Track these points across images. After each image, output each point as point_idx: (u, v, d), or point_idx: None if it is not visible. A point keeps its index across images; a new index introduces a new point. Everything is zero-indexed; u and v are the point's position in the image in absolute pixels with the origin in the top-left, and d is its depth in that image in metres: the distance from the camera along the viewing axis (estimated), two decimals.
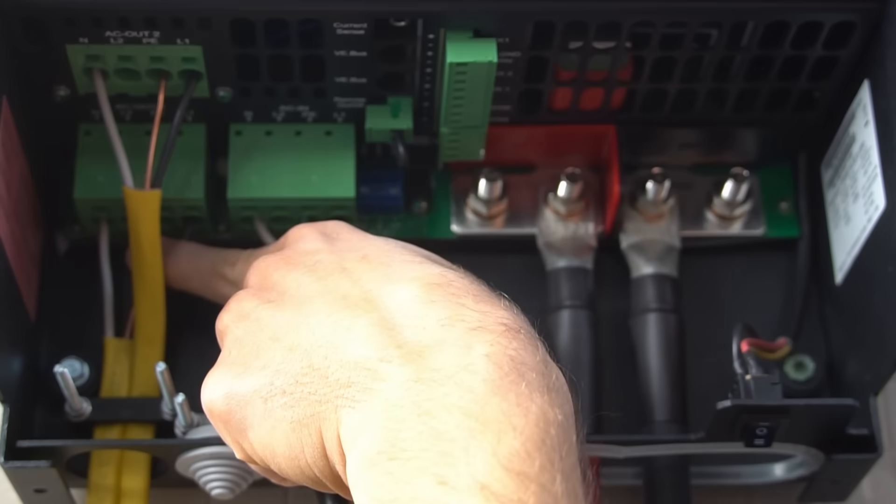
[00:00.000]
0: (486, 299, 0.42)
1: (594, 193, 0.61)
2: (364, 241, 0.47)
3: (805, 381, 0.59)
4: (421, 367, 0.39)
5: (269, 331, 0.44)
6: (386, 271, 0.43)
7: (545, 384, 0.39)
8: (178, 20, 0.52)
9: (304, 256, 0.46)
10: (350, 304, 0.42)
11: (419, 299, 0.41)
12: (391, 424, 0.38)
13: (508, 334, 0.40)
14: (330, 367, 0.41)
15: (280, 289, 0.45)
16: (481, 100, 0.55)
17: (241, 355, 0.44)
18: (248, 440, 0.44)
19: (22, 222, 0.55)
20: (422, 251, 0.46)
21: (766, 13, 0.53)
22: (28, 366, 0.56)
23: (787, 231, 0.62)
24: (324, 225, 0.49)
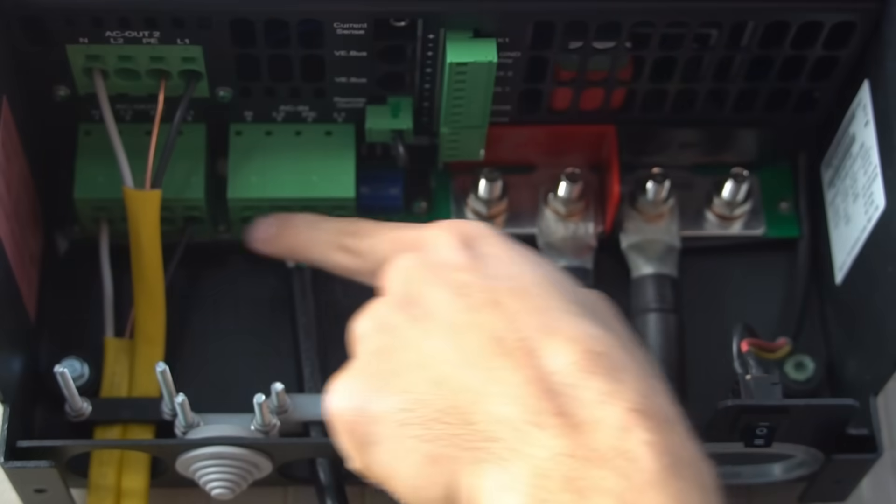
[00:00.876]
0: (643, 377, 0.40)
1: (594, 193, 0.61)
2: (514, 264, 0.45)
3: (805, 381, 0.59)
4: (576, 443, 0.38)
5: (415, 354, 0.43)
6: (544, 319, 0.42)
7: (702, 482, 0.38)
8: (178, 20, 0.52)
9: (451, 273, 0.44)
10: (506, 350, 0.41)
11: (579, 367, 0.40)
12: (538, 493, 0.37)
13: (668, 424, 0.39)
14: (477, 414, 0.40)
15: (426, 307, 0.44)
16: (481, 100, 0.55)
17: (381, 370, 0.43)
18: (370, 456, 0.43)
19: (22, 222, 0.55)
20: (575, 290, 0.45)
21: (766, 13, 0.53)
22: (28, 366, 0.56)
23: (787, 231, 0.62)
24: (465, 228, 0.46)
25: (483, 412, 0.40)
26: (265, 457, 0.53)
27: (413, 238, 0.48)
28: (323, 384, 0.57)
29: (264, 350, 0.59)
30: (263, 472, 0.54)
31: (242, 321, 0.60)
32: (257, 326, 0.60)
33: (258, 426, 0.54)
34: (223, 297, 0.60)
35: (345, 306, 0.60)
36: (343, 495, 0.56)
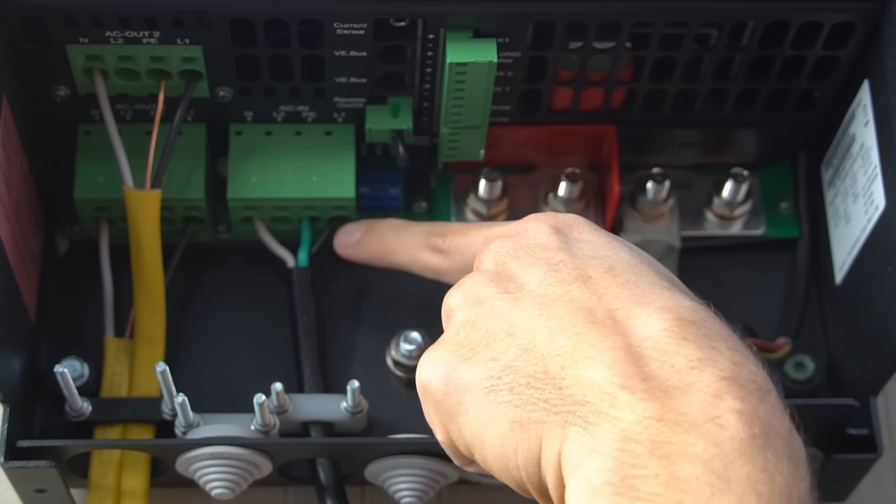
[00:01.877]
0: (737, 347, 0.40)
1: (594, 193, 0.61)
2: (607, 247, 0.45)
3: (805, 381, 0.59)
4: (666, 407, 0.38)
5: (505, 323, 0.43)
6: (634, 291, 0.42)
7: (790, 454, 0.38)
8: (178, 20, 0.52)
9: (544, 252, 0.45)
10: (596, 319, 0.41)
11: (671, 333, 0.40)
12: (624, 458, 0.37)
13: (759, 393, 0.38)
14: (566, 379, 0.40)
15: (518, 281, 0.44)
16: (481, 100, 0.55)
17: (470, 340, 0.43)
18: (458, 425, 0.43)
19: (22, 222, 0.55)
20: (666, 271, 0.45)
21: (766, 13, 0.53)
22: (28, 366, 0.56)
23: (787, 231, 0.62)
24: (558, 219, 0.47)
25: (573, 376, 0.40)
26: (265, 457, 0.53)
27: (505, 231, 0.48)
28: (323, 384, 0.57)
29: (264, 350, 0.59)
30: (263, 472, 0.54)
31: (242, 321, 0.60)
32: (257, 326, 0.60)
33: (258, 426, 0.54)
34: (223, 297, 0.60)
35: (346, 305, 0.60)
36: (343, 495, 0.56)
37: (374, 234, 0.57)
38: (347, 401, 0.55)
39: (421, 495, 0.55)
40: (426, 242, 0.54)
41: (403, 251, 0.56)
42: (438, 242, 0.54)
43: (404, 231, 0.56)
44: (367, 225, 0.58)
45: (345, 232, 0.58)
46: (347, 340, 0.60)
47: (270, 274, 0.60)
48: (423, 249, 0.54)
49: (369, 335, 0.60)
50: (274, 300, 0.60)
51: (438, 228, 0.54)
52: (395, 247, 0.56)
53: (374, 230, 0.57)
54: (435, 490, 0.55)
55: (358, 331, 0.60)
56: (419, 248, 0.55)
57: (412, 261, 0.55)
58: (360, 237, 0.58)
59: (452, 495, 0.59)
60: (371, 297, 0.61)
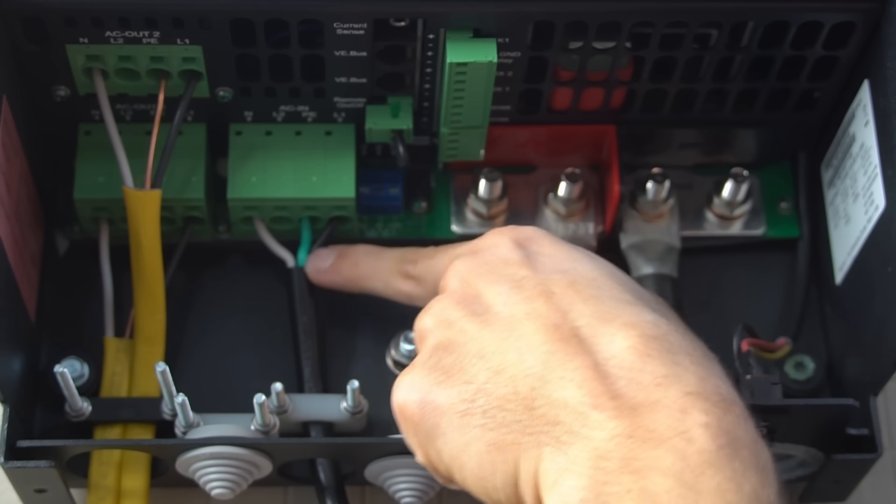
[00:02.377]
0: (700, 360, 0.41)
1: (594, 193, 0.61)
2: (568, 260, 0.46)
3: (805, 381, 0.59)
4: (634, 425, 0.39)
5: (475, 346, 0.44)
6: (598, 307, 0.43)
7: (757, 463, 0.39)
8: (178, 20, 0.52)
9: (507, 267, 0.46)
10: (562, 337, 0.42)
11: (635, 351, 0.41)
12: (597, 475, 0.38)
13: (724, 405, 0.39)
14: (537, 399, 0.41)
15: (484, 301, 0.45)
16: (481, 100, 0.55)
17: (443, 364, 0.44)
18: (436, 449, 0.44)
19: (22, 222, 0.55)
20: (628, 281, 0.46)
21: (766, 13, 0.53)
22: (28, 366, 0.56)
23: (787, 231, 0.62)
24: (519, 232, 0.48)
25: (543, 397, 0.41)
26: (265, 457, 0.53)
27: (468, 248, 0.49)
28: (323, 384, 0.57)
29: (264, 350, 0.59)
30: (263, 472, 0.54)
31: (242, 321, 0.60)
32: (257, 326, 0.60)
33: (258, 426, 0.54)
34: (223, 297, 0.60)
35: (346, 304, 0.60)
36: (343, 495, 0.56)
37: (348, 259, 0.57)
38: (347, 401, 0.55)
39: (421, 495, 0.55)
40: (398, 269, 0.55)
41: (376, 277, 0.56)
42: (409, 269, 0.55)
43: (377, 257, 0.57)
44: (339, 250, 0.58)
45: (316, 257, 0.58)
46: (347, 340, 0.60)
47: (270, 274, 0.60)
48: (395, 276, 0.55)
49: (369, 335, 0.60)
50: (274, 300, 0.60)
51: (410, 255, 0.55)
52: (369, 273, 0.57)
53: (347, 255, 0.58)
54: (435, 490, 0.55)
55: (358, 331, 0.60)
56: (392, 275, 0.55)
57: (385, 287, 0.56)
58: (332, 263, 0.58)
59: (452, 495, 0.59)
60: (371, 296, 0.60)
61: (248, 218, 0.59)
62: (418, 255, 0.54)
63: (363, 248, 0.58)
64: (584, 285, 0.44)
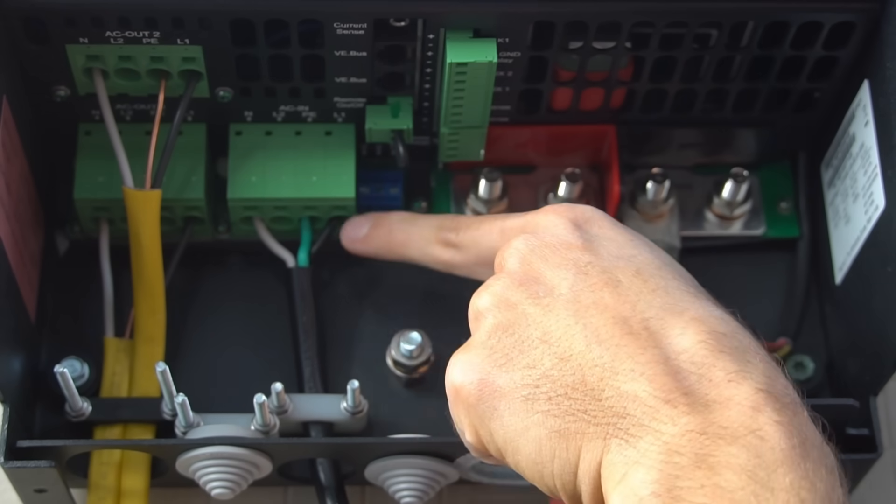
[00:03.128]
0: (767, 360, 0.41)
1: (594, 193, 0.61)
2: (629, 246, 0.45)
3: (805, 381, 0.59)
4: (707, 421, 0.38)
5: (539, 330, 0.43)
6: (665, 299, 0.42)
7: (826, 463, 0.39)
8: (178, 20, 0.52)
9: (570, 251, 0.44)
10: (632, 330, 0.41)
11: (707, 346, 0.40)
12: (669, 469, 0.38)
13: (794, 406, 0.39)
14: (605, 390, 0.40)
15: (547, 284, 0.44)
16: (481, 100, 0.55)
17: (503, 345, 0.43)
18: (490, 430, 0.43)
19: (22, 222, 0.55)
20: (685, 273, 0.45)
21: (766, 13, 0.53)
22: (28, 366, 0.56)
23: (787, 231, 0.62)
24: (576, 212, 0.46)
25: (612, 388, 0.40)
26: (265, 457, 0.53)
27: (521, 224, 0.48)
28: (323, 384, 0.57)
29: (264, 350, 0.59)
30: (263, 472, 0.54)
31: (242, 321, 0.60)
32: (257, 326, 0.60)
33: (258, 426, 0.54)
34: (223, 297, 0.60)
35: (346, 305, 0.60)
36: (343, 495, 0.56)
37: (383, 227, 0.57)
38: (347, 401, 0.55)
39: (421, 495, 0.55)
40: (437, 236, 0.54)
41: (413, 245, 0.55)
42: (450, 236, 0.53)
43: (414, 224, 0.56)
44: (374, 218, 0.57)
45: (351, 226, 0.57)
46: (347, 340, 0.60)
47: (270, 274, 0.60)
48: (433, 243, 0.54)
49: (369, 335, 0.60)
50: (274, 300, 0.60)
51: (449, 222, 0.54)
52: (405, 240, 0.56)
53: (381, 223, 0.57)
54: (435, 490, 0.55)
55: (358, 331, 0.60)
56: (430, 242, 0.54)
57: (423, 255, 0.55)
58: (367, 231, 0.57)
59: (452, 495, 0.59)
60: (371, 296, 0.61)
61: (248, 218, 0.59)
62: (459, 223, 0.53)
63: (398, 214, 0.57)
64: (650, 274, 0.43)
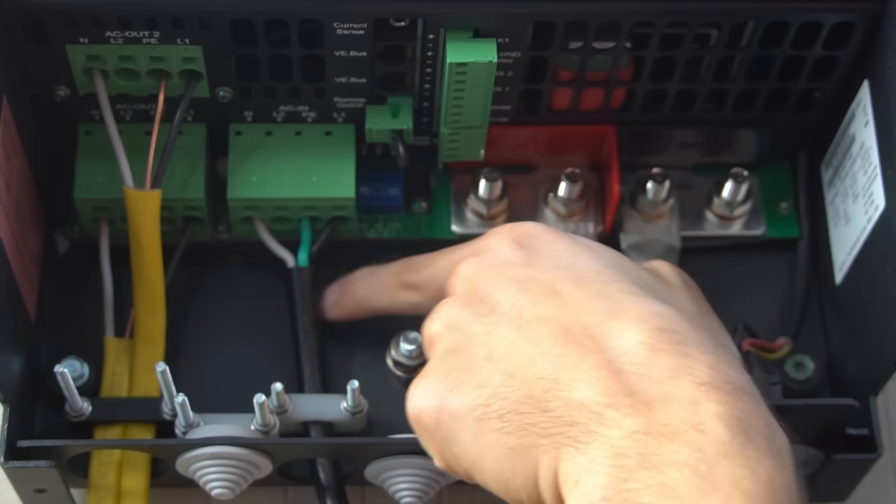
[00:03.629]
0: (709, 349, 0.41)
1: (594, 193, 0.61)
2: (570, 255, 0.46)
3: (805, 381, 0.59)
4: (650, 420, 0.39)
5: (484, 349, 0.44)
6: (605, 303, 0.43)
7: (771, 447, 0.39)
8: (178, 20, 0.52)
9: (511, 269, 0.45)
10: (573, 339, 0.42)
11: (646, 345, 0.41)
12: (617, 473, 0.39)
13: (735, 393, 0.40)
14: (552, 401, 0.41)
15: (490, 303, 0.45)
16: (481, 100, 0.55)
17: (454, 367, 0.44)
18: (454, 454, 0.44)
19: (22, 222, 0.55)
20: (630, 268, 0.46)
21: (766, 13, 0.53)
22: (28, 366, 0.56)
23: (787, 231, 0.62)
24: (518, 230, 0.47)
25: (558, 398, 0.41)
26: (265, 457, 0.53)
27: (469, 251, 0.49)
28: (323, 384, 0.57)
29: (264, 350, 0.59)
30: (263, 472, 0.54)
31: (242, 321, 0.60)
32: (257, 326, 0.60)
33: (258, 426, 0.54)
34: (223, 297, 0.60)
35: None
36: (343, 495, 0.56)
37: (348, 287, 0.58)
38: (347, 401, 0.55)
39: (421, 495, 0.55)
40: (399, 282, 0.55)
41: (378, 296, 0.56)
42: (411, 279, 0.55)
43: (374, 276, 0.57)
44: (342, 283, 0.58)
45: (326, 296, 0.58)
46: (347, 340, 0.60)
47: (270, 274, 0.60)
48: (397, 289, 0.55)
49: (369, 335, 0.60)
50: (274, 300, 0.60)
51: (408, 265, 0.55)
52: (370, 294, 0.57)
53: (347, 284, 0.58)
54: (435, 490, 0.55)
55: (358, 331, 0.60)
56: (393, 289, 0.55)
57: (390, 303, 0.56)
58: (336, 296, 0.58)
59: (452, 495, 0.59)
60: None
61: (248, 218, 0.59)
62: (417, 264, 0.54)
63: (360, 272, 0.58)
64: (590, 281, 0.44)
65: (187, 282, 0.60)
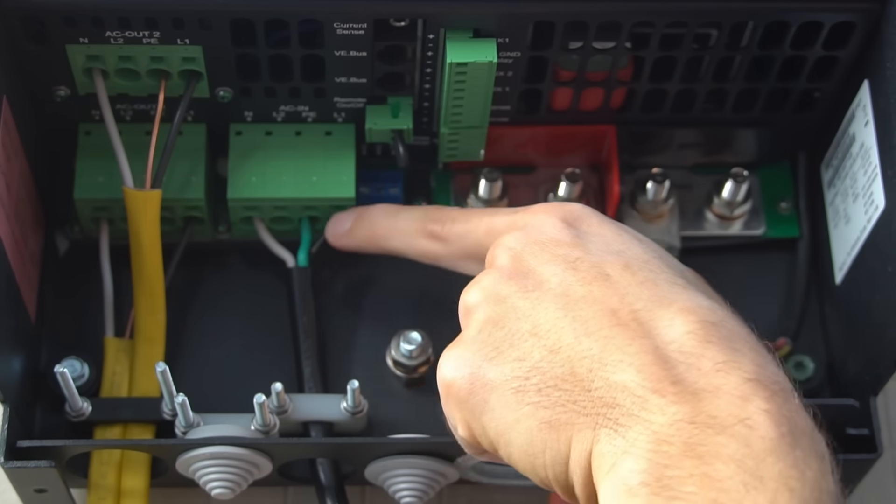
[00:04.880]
0: (757, 348, 0.41)
1: (594, 193, 0.61)
2: (619, 241, 0.45)
3: (805, 381, 0.59)
4: (696, 410, 0.38)
5: (529, 323, 0.43)
6: (654, 291, 0.42)
7: (816, 450, 0.39)
8: (178, 20, 0.52)
9: (559, 248, 0.45)
10: (621, 321, 0.41)
11: (695, 336, 0.40)
12: (658, 459, 0.38)
13: (783, 394, 0.39)
14: (594, 381, 0.40)
15: (537, 278, 0.44)
16: (481, 100, 0.55)
17: (493, 339, 0.43)
18: (482, 423, 0.43)
19: (22, 222, 0.55)
20: (676, 264, 0.45)
21: (766, 13, 0.53)
22: (28, 366, 0.56)
23: (787, 231, 0.62)
24: (567, 210, 0.46)
25: (601, 378, 0.40)
26: (265, 457, 0.53)
27: (510, 222, 0.48)
28: (323, 384, 0.57)
29: (264, 350, 0.59)
30: (263, 472, 0.54)
31: (242, 321, 0.60)
32: (257, 326, 0.60)
33: (258, 426, 0.54)
34: (223, 297, 0.60)
35: (346, 305, 0.60)
36: (343, 495, 0.56)
37: (365, 220, 0.57)
38: (347, 401, 0.55)
39: (421, 495, 0.55)
40: (422, 228, 0.54)
41: (398, 236, 0.55)
42: (436, 229, 0.53)
43: (398, 216, 0.55)
44: (357, 212, 0.57)
45: (335, 221, 0.57)
46: (347, 340, 0.60)
47: (270, 274, 0.60)
48: (419, 235, 0.54)
49: (369, 335, 0.60)
50: (274, 300, 0.60)
51: (436, 214, 0.54)
52: (389, 232, 0.55)
53: (364, 216, 0.57)
54: (435, 490, 0.55)
55: (358, 331, 0.60)
56: (415, 234, 0.54)
57: (407, 246, 0.55)
58: (349, 225, 0.57)
59: (452, 495, 0.59)
60: (371, 297, 0.61)
61: (248, 218, 0.59)
62: (445, 216, 0.53)
63: (381, 207, 0.57)
64: (639, 268, 0.43)
65: (187, 282, 0.60)
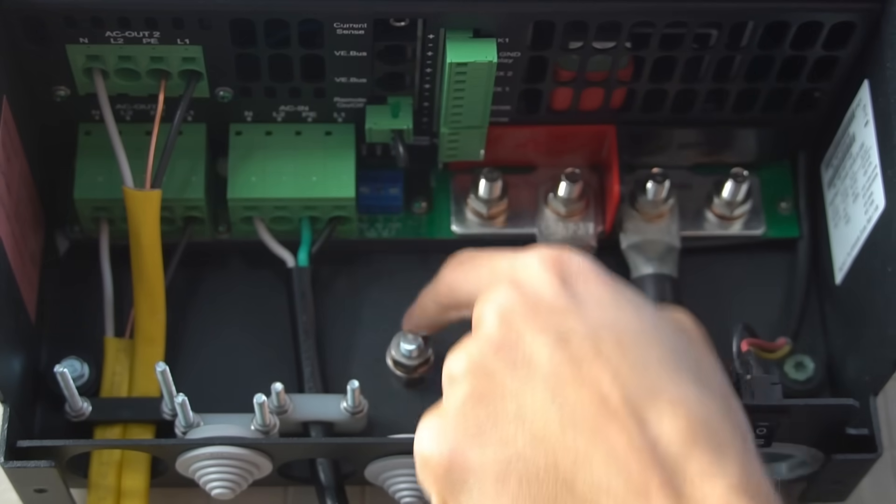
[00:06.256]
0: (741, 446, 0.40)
1: (594, 193, 0.61)
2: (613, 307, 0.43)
3: (805, 381, 0.59)
4: None
5: (515, 404, 0.41)
6: (645, 378, 0.41)
7: None
8: (178, 20, 0.52)
9: (552, 315, 0.43)
10: (610, 411, 0.40)
11: (684, 436, 0.39)
12: None
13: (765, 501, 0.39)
14: (577, 476, 0.39)
15: (526, 353, 0.42)
16: (481, 100, 0.55)
17: (477, 416, 0.42)
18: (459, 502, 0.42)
19: (22, 222, 0.55)
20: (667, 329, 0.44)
21: (766, 13, 0.53)
22: (28, 366, 0.56)
23: (787, 231, 0.62)
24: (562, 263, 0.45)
25: (585, 475, 0.39)
26: (265, 457, 0.53)
27: (506, 268, 0.46)
28: (323, 384, 0.57)
29: (264, 350, 0.59)
30: (263, 472, 0.54)
31: (242, 321, 0.60)
32: (257, 326, 0.60)
33: (258, 426, 0.54)
34: (223, 297, 0.60)
35: (346, 305, 0.60)
36: (343, 495, 0.56)
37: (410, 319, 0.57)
38: (347, 401, 0.55)
39: (421, 495, 0.55)
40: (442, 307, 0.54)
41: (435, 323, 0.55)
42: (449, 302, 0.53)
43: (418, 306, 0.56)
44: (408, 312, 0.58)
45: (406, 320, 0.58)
46: (347, 340, 0.60)
47: (270, 274, 0.60)
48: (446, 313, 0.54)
49: (369, 335, 0.60)
50: (274, 300, 0.60)
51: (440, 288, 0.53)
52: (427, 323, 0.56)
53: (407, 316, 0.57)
54: None
55: (358, 331, 0.60)
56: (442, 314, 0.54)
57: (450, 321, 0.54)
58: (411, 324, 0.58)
59: None
60: (371, 297, 0.61)
61: (248, 218, 0.59)
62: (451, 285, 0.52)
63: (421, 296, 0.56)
64: (631, 344, 0.42)
65: (187, 282, 0.60)
